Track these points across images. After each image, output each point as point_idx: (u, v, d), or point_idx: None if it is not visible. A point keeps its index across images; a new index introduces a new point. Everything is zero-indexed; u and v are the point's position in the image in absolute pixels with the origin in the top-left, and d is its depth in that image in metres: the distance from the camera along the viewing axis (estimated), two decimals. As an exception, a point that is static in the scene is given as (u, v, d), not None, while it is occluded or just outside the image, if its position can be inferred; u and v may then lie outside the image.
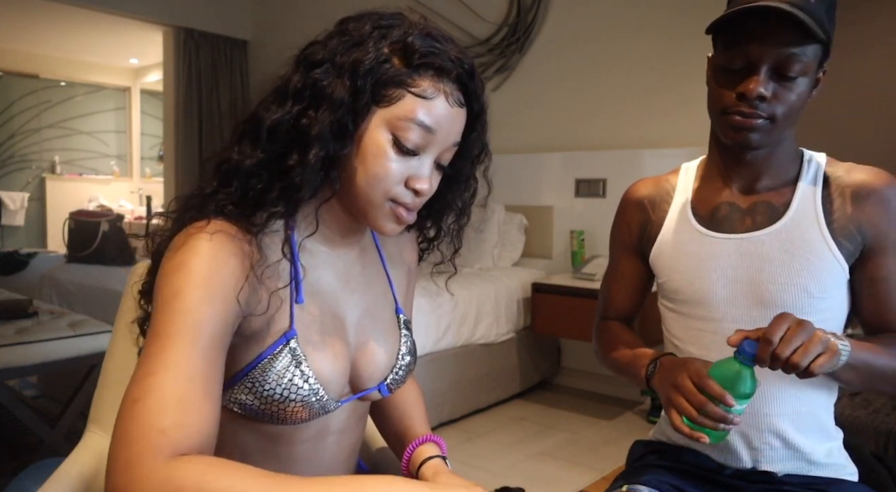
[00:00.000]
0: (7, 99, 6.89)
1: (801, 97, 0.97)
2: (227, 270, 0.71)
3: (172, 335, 0.66)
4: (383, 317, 0.90)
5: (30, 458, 2.21)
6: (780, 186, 1.05)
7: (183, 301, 0.68)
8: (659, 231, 1.13)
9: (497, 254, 3.65)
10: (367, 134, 0.76)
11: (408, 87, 0.75)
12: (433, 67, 0.76)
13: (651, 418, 3.05)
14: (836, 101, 2.47)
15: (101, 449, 1.03)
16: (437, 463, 0.90)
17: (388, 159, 0.76)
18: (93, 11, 4.78)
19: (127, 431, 0.62)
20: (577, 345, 3.57)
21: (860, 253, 1.01)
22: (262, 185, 0.74)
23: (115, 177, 7.65)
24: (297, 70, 0.76)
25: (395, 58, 0.75)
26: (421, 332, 2.85)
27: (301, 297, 0.79)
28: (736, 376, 0.86)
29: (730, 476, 1.06)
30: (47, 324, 2.41)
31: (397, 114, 0.75)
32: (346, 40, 0.75)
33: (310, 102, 0.74)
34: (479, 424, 3.05)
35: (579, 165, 3.55)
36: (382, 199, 0.78)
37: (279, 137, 0.74)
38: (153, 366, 0.65)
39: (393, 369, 0.89)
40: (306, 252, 0.82)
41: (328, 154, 0.74)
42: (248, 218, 0.75)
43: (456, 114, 0.79)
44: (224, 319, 0.70)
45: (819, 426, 1.05)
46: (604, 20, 3.50)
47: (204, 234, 0.71)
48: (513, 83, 3.86)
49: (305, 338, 0.79)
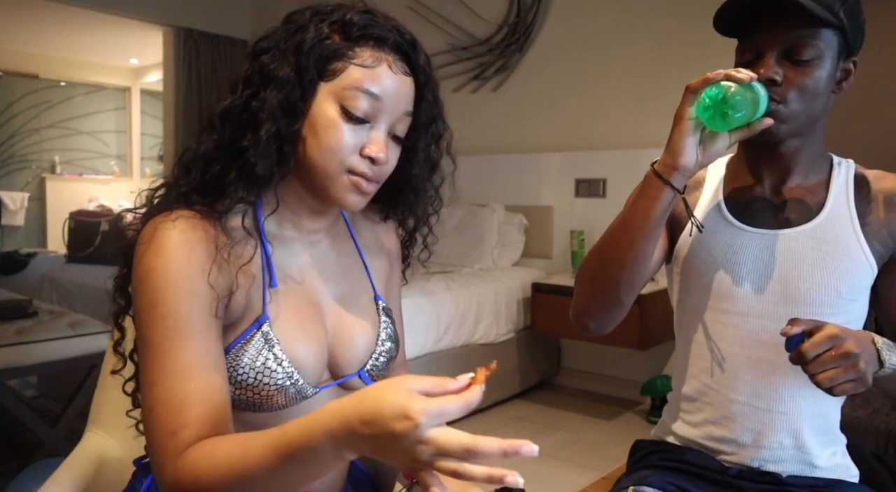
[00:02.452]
0: (7, 99, 6.88)
1: (818, 83, 0.97)
2: (195, 258, 0.75)
3: (162, 342, 0.72)
4: (361, 303, 0.91)
5: (30, 458, 2.21)
6: (812, 186, 1.05)
7: (162, 307, 0.73)
8: (689, 217, 1.10)
9: (497, 254, 3.65)
10: (317, 108, 0.79)
11: (350, 59, 0.78)
12: (372, 38, 0.80)
13: (651, 418, 3.05)
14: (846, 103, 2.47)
15: (101, 449, 1.03)
16: None
17: (339, 130, 0.79)
18: (93, 11, 4.78)
19: (150, 440, 0.72)
20: (577, 345, 3.57)
21: (890, 257, 1.02)
22: (220, 167, 0.78)
23: (115, 177, 7.65)
24: (248, 60, 0.81)
25: (335, 35, 0.79)
26: (421, 332, 2.85)
27: (274, 280, 0.82)
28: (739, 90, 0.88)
29: (734, 476, 1.06)
30: (47, 324, 2.41)
31: (343, 85, 0.78)
32: (289, 27, 0.80)
33: (259, 86, 0.78)
34: (479, 424, 3.05)
35: (579, 165, 3.55)
36: (339, 170, 0.80)
37: (231, 121, 0.78)
38: (155, 376, 0.72)
39: (373, 355, 0.89)
40: (277, 240, 0.84)
41: (279, 131, 0.77)
42: (211, 204, 0.78)
43: (401, 82, 0.81)
44: (207, 303, 0.75)
45: (828, 428, 1.06)
46: (604, 20, 3.50)
47: (168, 224, 0.75)
48: (513, 83, 3.86)
49: (279, 322, 0.81)
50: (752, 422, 1.04)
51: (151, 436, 0.72)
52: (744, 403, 1.04)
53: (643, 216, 0.96)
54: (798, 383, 1.02)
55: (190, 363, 0.72)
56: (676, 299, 1.16)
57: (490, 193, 3.87)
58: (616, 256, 1.00)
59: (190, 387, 0.71)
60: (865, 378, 0.84)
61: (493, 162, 3.89)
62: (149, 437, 0.72)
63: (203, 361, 0.73)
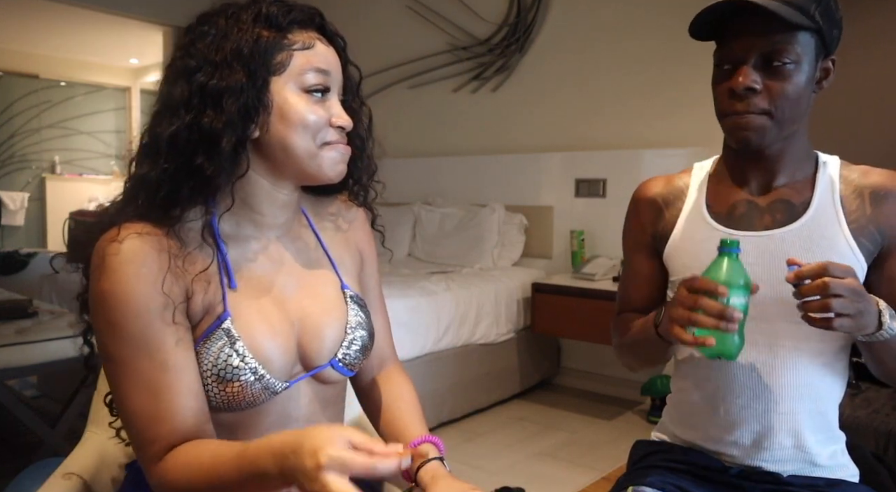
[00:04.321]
0: (7, 99, 6.88)
1: (798, 87, 0.97)
2: (145, 271, 0.77)
3: (125, 358, 0.77)
4: (326, 294, 0.91)
5: (30, 458, 2.21)
6: (798, 185, 1.06)
7: (119, 327, 0.76)
8: (673, 229, 1.13)
9: (497, 254, 3.64)
10: (279, 99, 0.82)
11: (290, 47, 0.82)
12: (296, 22, 0.84)
13: (651, 418, 3.05)
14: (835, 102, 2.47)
15: (100, 449, 1.03)
16: (434, 466, 0.89)
17: (307, 109, 0.83)
18: (93, 11, 4.77)
19: (133, 447, 0.79)
20: (577, 345, 3.57)
21: (879, 253, 1.02)
22: (170, 189, 0.79)
23: (115, 177, 7.63)
24: (176, 83, 0.81)
25: (263, 31, 0.82)
26: (421, 332, 2.85)
27: (233, 282, 0.84)
28: (725, 268, 0.87)
29: (734, 476, 1.06)
30: (47, 324, 2.41)
31: (295, 71, 0.82)
32: (210, 40, 0.81)
33: (202, 104, 0.79)
34: (479, 424, 3.05)
35: (579, 165, 3.55)
36: (317, 146, 0.84)
37: (180, 144, 0.79)
38: (124, 390, 0.77)
39: (342, 343, 0.89)
40: (234, 240, 0.86)
41: (238, 139, 0.80)
42: (162, 215, 0.80)
43: (332, 52, 0.87)
44: (162, 313, 0.77)
45: (827, 427, 1.06)
46: (604, 20, 3.50)
47: (114, 245, 0.77)
48: (513, 83, 3.86)
49: (241, 319, 0.82)
50: (752, 422, 1.04)
51: (133, 443, 0.78)
52: (742, 404, 1.04)
53: (653, 356, 1.10)
54: (796, 383, 1.02)
55: (155, 378, 0.76)
56: None
57: (490, 193, 3.87)
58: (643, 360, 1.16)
59: (158, 402, 0.76)
60: (860, 320, 0.85)
61: (493, 162, 3.89)
62: (131, 444, 0.79)
63: (167, 373, 0.77)
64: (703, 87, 1.06)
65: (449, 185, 4.10)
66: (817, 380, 1.03)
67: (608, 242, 3.38)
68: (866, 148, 1.83)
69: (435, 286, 3.06)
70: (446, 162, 4.14)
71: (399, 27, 4.30)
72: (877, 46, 2.62)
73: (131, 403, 0.77)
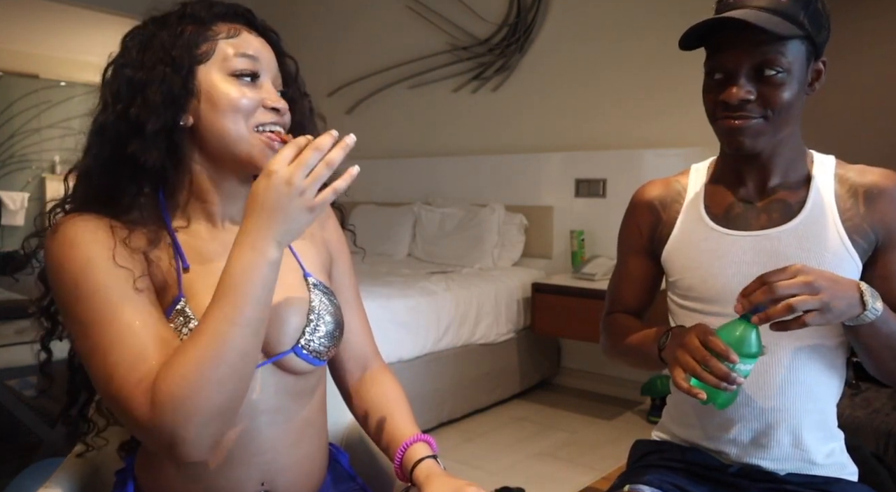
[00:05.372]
0: (7, 99, 6.88)
1: (792, 93, 0.98)
2: (100, 237, 0.79)
3: (99, 314, 0.76)
4: (286, 281, 0.89)
5: (30, 458, 2.21)
6: (793, 185, 1.06)
7: (85, 283, 0.76)
8: (671, 231, 1.14)
9: (497, 254, 3.64)
10: (206, 85, 0.84)
11: (215, 37, 0.85)
12: (220, 16, 0.87)
13: (651, 418, 3.05)
14: (835, 101, 2.47)
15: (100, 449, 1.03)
16: (428, 464, 0.89)
17: (235, 90, 0.84)
18: (93, 11, 4.78)
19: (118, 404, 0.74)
20: (577, 345, 3.57)
21: (873, 251, 1.02)
22: (108, 180, 0.83)
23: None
24: (110, 83, 0.85)
25: (188, 27, 0.85)
26: (421, 332, 2.85)
27: (185, 261, 0.85)
28: (741, 334, 0.88)
29: (733, 475, 1.06)
30: (47, 324, 2.41)
31: (220, 58, 0.84)
32: (139, 41, 0.85)
33: (131, 95, 0.82)
34: (479, 424, 3.05)
35: (579, 165, 3.55)
36: (250, 129, 0.84)
37: (109, 135, 0.82)
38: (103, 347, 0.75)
39: (305, 329, 0.88)
40: (188, 234, 0.87)
41: (165, 124, 0.82)
42: (104, 206, 0.82)
43: (262, 43, 0.88)
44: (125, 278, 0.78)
45: (825, 426, 1.06)
46: (604, 20, 3.50)
47: (65, 222, 0.80)
48: (513, 83, 3.86)
49: (196, 300, 0.83)
50: (750, 421, 1.04)
51: (118, 398, 0.73)
52: (741, 403, 1.04)
53: (649, 368, 1.13)
54: (794, 381, 1.02)
55: (133, 323, 0.76)
56: (669, 306, 1.18)
57: (490, 193, 3.87)
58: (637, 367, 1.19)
59: (142, 341, 0.75)
60: (833, 310, 0.87)
61: (493, 162, 3.89)
62: (116, 403, 0.74)
63: (146, 319, 0.77)
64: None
65: (449, 185, 4.10)
66: (815, 378, 1.03)
67: (608, 242, 3.38)
68: (864, 148, 1.84)
69: (435, 286, 3.06)
70: (446, 162, 4.14)
71: (399, 27, 4.30)
72: (875, 47, 2.62)
73: (113, 354, 0.74)
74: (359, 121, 4.49)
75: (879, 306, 0.91)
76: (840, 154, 1.10)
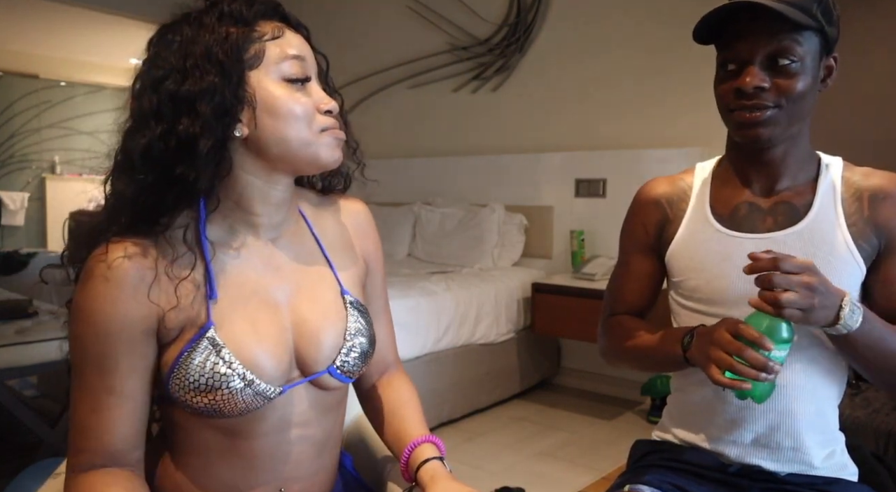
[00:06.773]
0: (7, 99, 6.88)
1: (805, 84, 0.98)
2: (124, 296, 0.78)
3: (82, 370, 0.80)
4: (325, 299, 0.89)
5: (30, 458, 2.21)
6: (800, 187, 1.06)
7: (82, 340, 0.79)
8: (677, 230, 1.13)
9: (497, 254, 3.64)
10: (261, 93, 0.80)
11: (261, 39, 0.81)
12: (261, 14, 0.82)
13: (651, 418, 3.05)
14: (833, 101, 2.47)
15: (101, 449, 1.02)
16: (434, 465, 0.89)
17: (294, 98, 0.81)
18: (93, 11, 4.78)
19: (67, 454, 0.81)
20: (577, 345, 3.57)
21: (876, 255, 1.02)
22: (153, 201, 0.79)
23: (115, 177, 7.63)
24: (144, 95, 0.79)
25: (230, 28, 0.79)
26: (421, 332, 2.85)
27: (215, 292, 0.82)
28: (771, 321, 0.88)
29: (733, 475, 1.06)
30: (47, 324, 2.41)
31: (271, 62, 0.81)
32: (176, 47, 0.79)
33: (176, 111, 0.77)
34: (479, 424, 3.05)
35: (579, 165, 3.55)
36: (315, 133, 0.83)
37: (155, 156, 0.77)
38: (74, 397, 0.81)
39: (341, 350, 0.88)
40: (225, 247, 0.85)
41: (217, 140, 0.78)
42: (148, 227, 0.80)
43: (301, 40, 0.86)
44: (126, 339, 0.78)
45: (826, 428, 1.06)
46: (604, 20, 3.49)
47: (100, 264, 0.78)
48: (513, 83, 3.86)
49: (226, 327, 0.81)
50: (752, 423, 1.04)
51: (68, 447, 0.81)
52: (742, 404, 1.04)
53: (666, 371, 1.13)
54: (795, 383, 1.02)
55: (99, 397, 0.79)
56: (671, 306, 1.17)
57: (490, 193, 3.87)
58: (648, 370, 1.18)
59: (95, 419, 0.79)
60: (812, 315, 0.88)
61: (493, 162, 3.89)
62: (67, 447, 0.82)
63: (111, 396, 0.79)
64: (704, 87, 1.06)
65: (449, 185, 4.10)
66: (816, 380, 1.03)
67: (608, 242, 3.38)
68: (867, 149, 1.83)
69: (435, 286, 3.06)
70: (446, 162, 4.14)
71: (399, 27, 4.29)
72: (879, 46, 2.62)
73: (75, 411, 0.80)
74: (359, 121, 4.47)
75: (853, 324, 0.91)
76: (846, 155, 1.10)
